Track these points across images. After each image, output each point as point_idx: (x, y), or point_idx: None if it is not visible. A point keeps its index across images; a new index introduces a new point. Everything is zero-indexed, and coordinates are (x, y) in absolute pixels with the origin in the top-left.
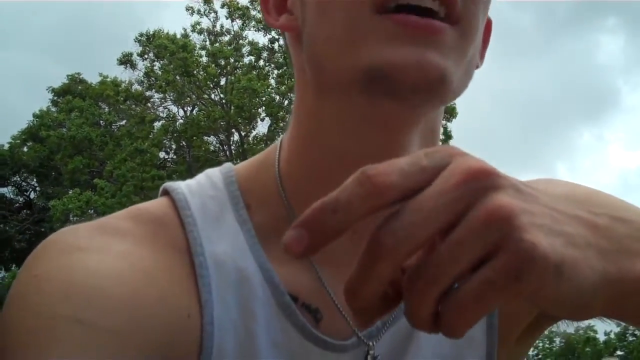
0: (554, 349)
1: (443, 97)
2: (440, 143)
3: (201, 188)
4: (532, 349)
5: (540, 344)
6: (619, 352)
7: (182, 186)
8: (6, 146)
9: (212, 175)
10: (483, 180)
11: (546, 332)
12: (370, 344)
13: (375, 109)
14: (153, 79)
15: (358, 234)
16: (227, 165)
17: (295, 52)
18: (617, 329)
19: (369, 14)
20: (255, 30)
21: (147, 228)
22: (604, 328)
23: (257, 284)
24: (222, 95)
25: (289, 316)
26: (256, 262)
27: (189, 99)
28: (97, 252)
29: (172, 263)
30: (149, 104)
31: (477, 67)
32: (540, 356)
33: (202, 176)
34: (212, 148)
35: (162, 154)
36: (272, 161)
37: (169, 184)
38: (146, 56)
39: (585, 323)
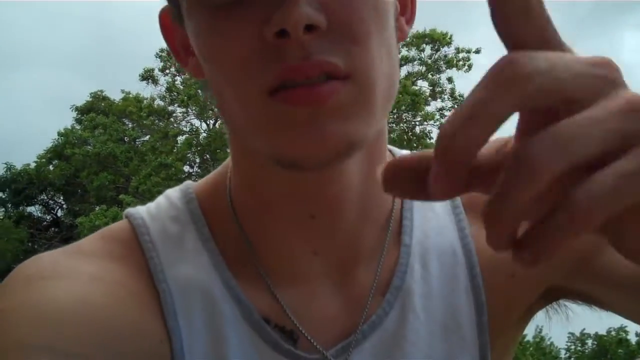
0: (586, 351)
1: (359, 150)
2: None
3: (160, 210)
4: (564, 352)
5: (573, 347)
6: None
7: (141, 211)
8: (32, 165)
9: (170, 196)
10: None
11: (578, 335)
12: None
13: (295, 175)
14: (175, 93)
15: (321, 254)
16: (187, 183)
17: None
18: None
19: (262, 97)
20: None
21: (114, 250)
22: (635, 329)
23: (225, 305)
24: None
25: (260, 333)
26: (221, 281)
27: (211, 112)
28: (63, 278)
29: (140, 287)
30: (171, 119)
31: (406, 33)
32: (572, 359)
33: (161, 198)
34: None
35: (186, 168)
36: (225, 181)
37: (128, 210)
38: (167, 71)
39: (617, 324)
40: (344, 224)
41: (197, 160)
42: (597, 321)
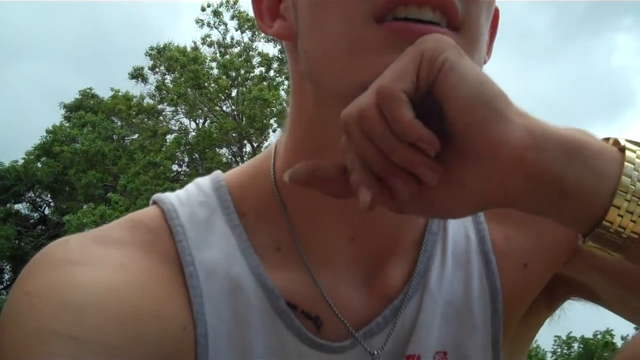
0: (572, 354)
1: None
2: None
3: (190, 196)
4: (550, 355)
5: (559, 350)
6: None
7: (170, 196)
8: (20, 162)
9: (200, 183)
10: None
11: (564, 338)
12: (374, 352)
13: None
14: (164, 92)
15: (357, 241)
16: (216, 172)
17: (292, 59)
18: (633, 332)
19: (368, 23)
20: (266, 41)
21: (141, 237)
22: (621, 332)
23: (250, 291)
24: (233, 107)
25: (285, 321)
26: (248, 267)
27: (200, 111)
28: (89, 265)
29: (166, 274)
30: (161, 117)
31: (485, 62)
32: None
33: (191, 185)
34: (224, 160)
35: (175, 167)
36: (267, 169)
37: (157, 195)
38: (157, 70)
39: (603, 328)
40: (388, 212)
41: (186, 159)
42: (584, 324)
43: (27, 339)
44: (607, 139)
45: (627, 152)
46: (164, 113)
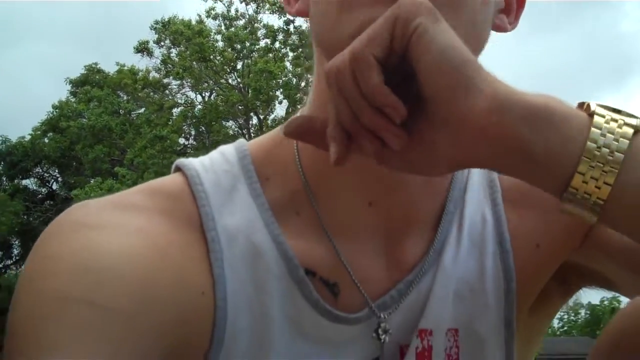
0: (579, 321)
1: None
2: None
3: (214, 163)
4: (557, 321)
5: (566, 317)
6: None
7: (194, 162)
8: (27, 138)
9: (225, 151)
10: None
11: (571, 304)
12: (382, 315)
13: None
14: (170, 65)
15: (375, 207)
16: (241, 140)
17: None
18: None
19: None
20: (270, 13)
21: (162, 203)
22: (626, 299)
23: (271, 258)
24: (239, 79)
25: (302, 290)
26: (270, 236)
27: (206, 84)
28: (108, 230)
29: (187, 239)
30: (167, 91)
31: (506, 30)
32: (565, 328)
33: (215, 153)
34: (231, 132)
35: (181, 140)
36: None
37: (180, 161)
38: (162, 43)
39: (610, 294)
40: (407, 180)
41: (193, 132)
42: (590, 291)
43: (44, 303)
44: (581, 105)
45: (596, 117)
46: (169, 87)
